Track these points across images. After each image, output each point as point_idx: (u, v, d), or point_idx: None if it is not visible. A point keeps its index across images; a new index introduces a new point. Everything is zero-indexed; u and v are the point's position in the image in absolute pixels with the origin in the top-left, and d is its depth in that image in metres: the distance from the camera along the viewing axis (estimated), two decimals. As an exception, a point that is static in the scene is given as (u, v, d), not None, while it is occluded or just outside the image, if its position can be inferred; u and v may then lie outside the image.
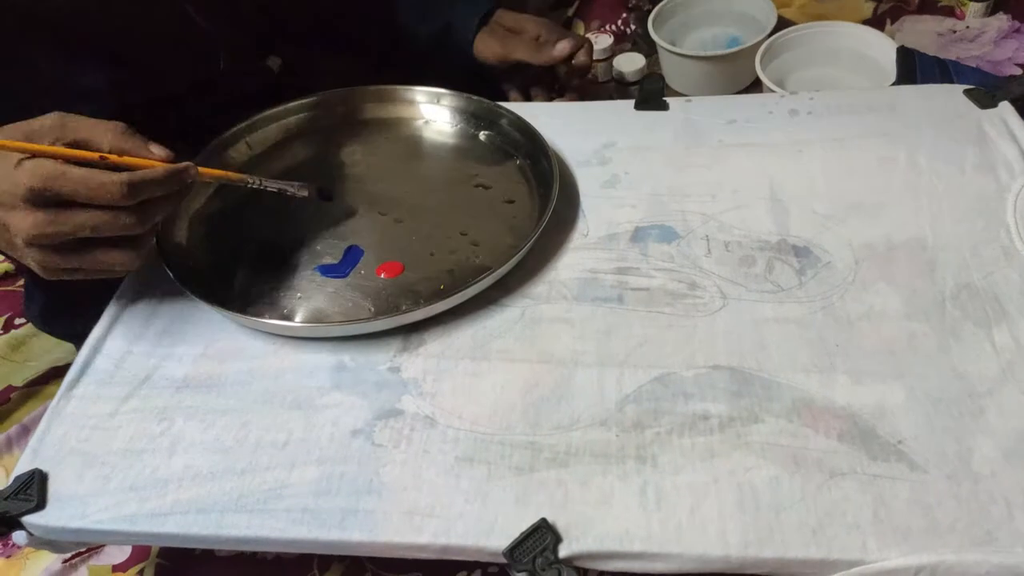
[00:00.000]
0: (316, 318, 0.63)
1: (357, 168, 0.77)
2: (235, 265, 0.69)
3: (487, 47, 0.84)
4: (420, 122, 0.81)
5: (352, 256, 0.67)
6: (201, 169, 0.60)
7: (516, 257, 0.62)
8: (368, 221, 0.71)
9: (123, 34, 0.64)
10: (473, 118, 0.79)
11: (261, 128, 0.79)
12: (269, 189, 0.67)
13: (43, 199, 0.51)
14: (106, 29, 0.64)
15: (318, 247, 0.68)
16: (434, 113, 0.81)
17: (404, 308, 0.61)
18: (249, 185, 0.66)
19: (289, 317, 0.63)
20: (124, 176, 0.52)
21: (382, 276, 0.65)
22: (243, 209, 0.74)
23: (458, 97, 0.80)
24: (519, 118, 0.75)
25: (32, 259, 0.54)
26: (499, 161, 0.76)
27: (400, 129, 0.81)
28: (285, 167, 0.78)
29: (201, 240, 0.72)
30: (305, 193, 0.69)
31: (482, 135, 0.78)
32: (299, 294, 0.65)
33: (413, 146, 0.79)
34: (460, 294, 0.60)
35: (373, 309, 0.63)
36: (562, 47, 0.80)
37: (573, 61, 0.83)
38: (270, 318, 0.62)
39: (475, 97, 0.79)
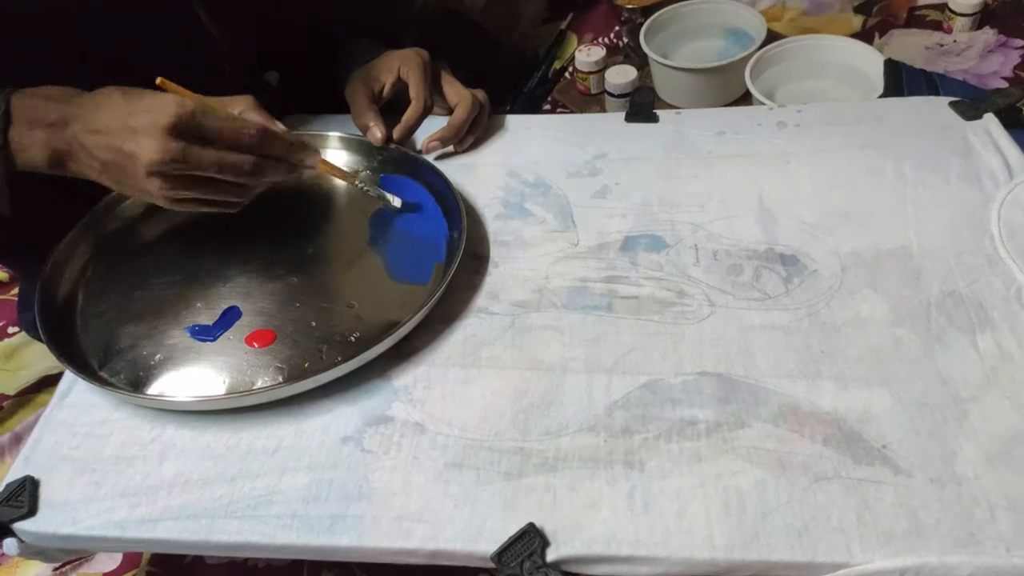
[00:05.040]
0: (159, 386, 0.60)
1: (261, 221, 0.70)
2: (111, 311, 0.66)
3: (350, 88, 0.80)
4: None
5: (228, 318, 0.64)
6: (320, 161, 0.64)
7: (382, 345, 0.59)
8: (258, 281, 0.67)
9: (136, 40, 0.65)
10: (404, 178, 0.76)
11: None
12: (370, 194, 0.71)
13: (185, 130, 0.55)
14: (119, 36, 0.65)
15: (198, 304, 0.66)
16: (358, 165, 0.78)
17: (253, 388, 0.59)
18: (357, 185, 0.70)
19: (135, 382, 0.60)
20: (259, 124, 0.59)
21: (254, 346, 0.62)
22: (145, 251, 0.72)
23: (396, 154, 0.77)
24: (450, 187, 0.71)
25: (150, 187, 0.57)
26: None
27: (321, 183, 0.75)
28: (189, 215, 0.72)
29: (93, 277, 0.70)
30: (398, 205, 0.71)
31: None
32: (159, 355, 0.62)
33: (330, 202, 0.74)
34: (315, 378, 0.57)
35: (226, 383, 0.60)
36: (373, 134, 0.76)
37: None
38: (122, 378, 0.61)
39: (412, 153, 0.76)
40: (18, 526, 0.54)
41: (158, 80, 0.54)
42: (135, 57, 0.67)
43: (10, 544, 0.56)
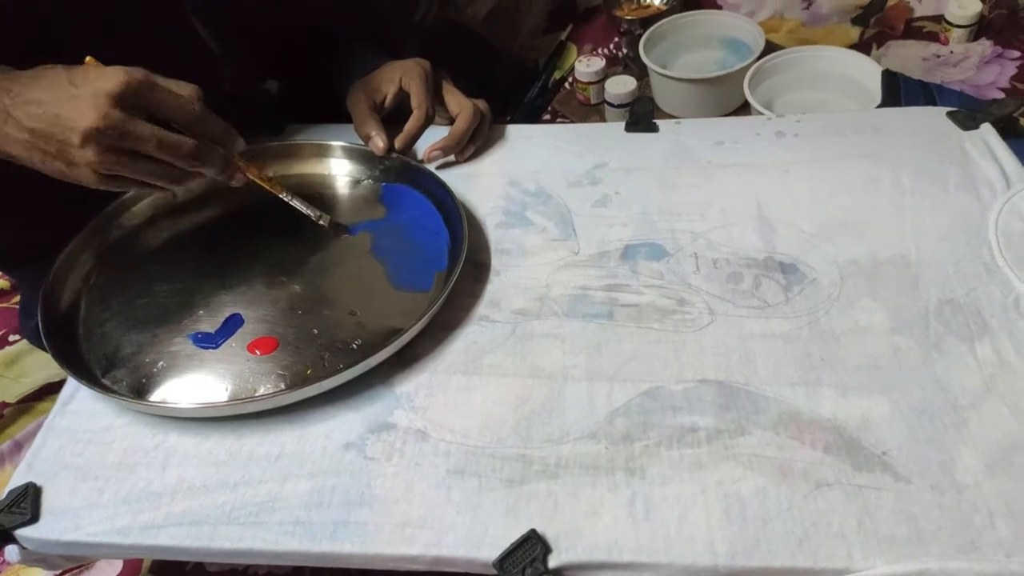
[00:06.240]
0: (162, 393, 0.60)
1: (264, 229, 0.73)
2: (114, 319, 0.67)
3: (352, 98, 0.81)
4: (344, 182, 0.79)
5: (230, 325, 0.64)
6: (248, 167, 0.64)
7: (384, 352, 0.59)
8: (260, 289, 0.67)
9: (133, 53, 0.65)
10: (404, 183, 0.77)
11: None
12: (292, 204, 0.69)
13: (130, 101, 0.54)
14: (115, 49, 0.66)
15: (201, 311, 0.66)
16: (360, 174, 0.79)
17: (255, 395, 0.59)
18: (283, 197, 0.69)
19: (138, 389, 0.61)
20: (200, 105, 0.58)
21: (256, 353, 0.62)
22: (148, 259, 0.72)
23: (398, 164, 0.77)
24: (451, 196, 0.71)
25: (83, 158, 0.54)
26: None
27: (320, 189, 0.77)
28: (192, 224, 0.75)
29: (96, 285, 0.70)
30: (324, 224, 0.71)
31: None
32: (161, 362, 0.62)
33: (332, 210, 0.73)
34: (317, 385, 0.57)
35: (228, 390, 0.60)
36: (375, 144, 0.76)
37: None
38: (125, 386, 0.61)
39: (414, 162, 0.77)
40: (20, 533, 0.55)
41: (87, 59, 0.54)
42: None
43: (12, 551, 0.56)
